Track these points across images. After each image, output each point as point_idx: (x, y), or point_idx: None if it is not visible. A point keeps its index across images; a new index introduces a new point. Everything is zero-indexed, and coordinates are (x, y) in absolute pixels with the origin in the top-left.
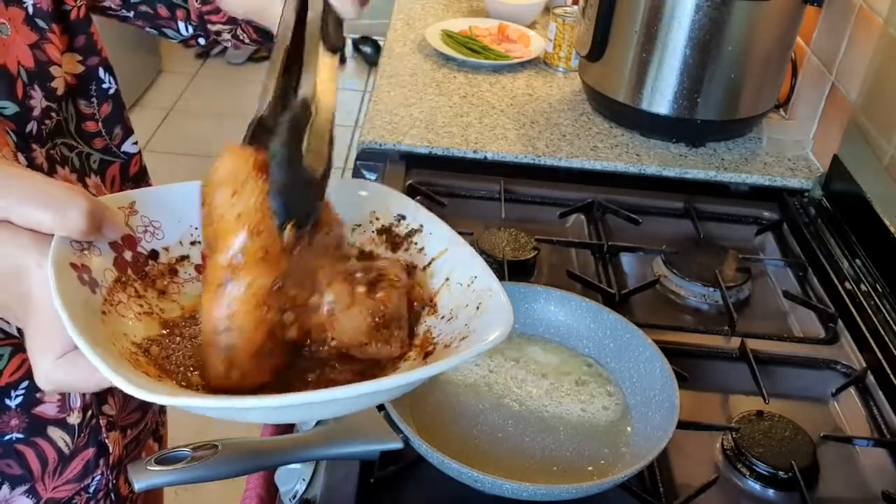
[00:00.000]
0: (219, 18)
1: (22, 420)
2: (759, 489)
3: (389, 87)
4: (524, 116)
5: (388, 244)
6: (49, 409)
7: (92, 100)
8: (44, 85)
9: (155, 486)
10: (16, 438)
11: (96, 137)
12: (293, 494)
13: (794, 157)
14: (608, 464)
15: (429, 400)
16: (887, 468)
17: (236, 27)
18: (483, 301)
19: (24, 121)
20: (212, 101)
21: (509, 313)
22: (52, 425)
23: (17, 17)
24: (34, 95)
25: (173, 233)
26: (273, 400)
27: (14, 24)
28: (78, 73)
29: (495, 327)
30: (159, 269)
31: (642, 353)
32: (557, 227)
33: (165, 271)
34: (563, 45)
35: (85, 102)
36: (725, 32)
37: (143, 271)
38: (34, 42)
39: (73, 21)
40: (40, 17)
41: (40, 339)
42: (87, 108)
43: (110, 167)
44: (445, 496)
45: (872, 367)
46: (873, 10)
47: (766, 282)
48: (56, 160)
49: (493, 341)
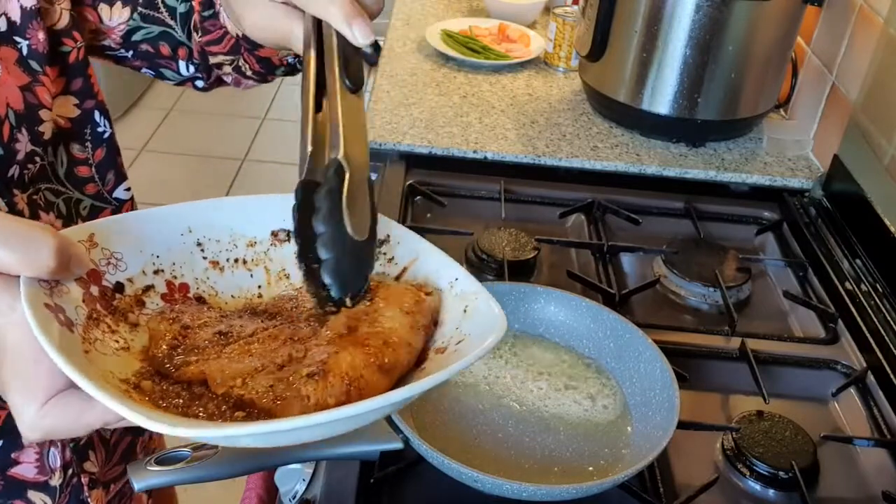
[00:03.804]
0: (220, 49)
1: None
2: (760, 489)
3: (389, 87)
4: (524, 116)
5: None
6: (27, 470)
7: (86, 144)
8: (31, 128)
9: (155, 486)
10: None
11: (88, 183)
12: (293, 494)
13: (794, 157)
14: (608, 464)
15: (429, 400)
16: (887, 468)
17: (238, 58)
18: (469, 304)
19: (7, 165)
20: (212, 102)
21: (501, 314)
22: (31, 489)
23: (9, 58)
24: (20, 139)
25: (135, 263)
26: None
27: (6, 64)
28: (73, 116)
29: (489, 330)
30: (126, 301)
31: (642, 353)
32: (557, 227)
33: (133, 303)
34: (563, 45)
35: (79, 146)
36: (725, 32)
37: (111, 306)
38: (25, 84)
39: (71, 63)
40: (35, 59)
41: (21, 386)
42: (80, 153)
43: (101, 213)
44: (445, 496)
45: (872, 367)
46: (873, 10)
47: (767, 282)
48: (39, 205)
49: (491, 344)
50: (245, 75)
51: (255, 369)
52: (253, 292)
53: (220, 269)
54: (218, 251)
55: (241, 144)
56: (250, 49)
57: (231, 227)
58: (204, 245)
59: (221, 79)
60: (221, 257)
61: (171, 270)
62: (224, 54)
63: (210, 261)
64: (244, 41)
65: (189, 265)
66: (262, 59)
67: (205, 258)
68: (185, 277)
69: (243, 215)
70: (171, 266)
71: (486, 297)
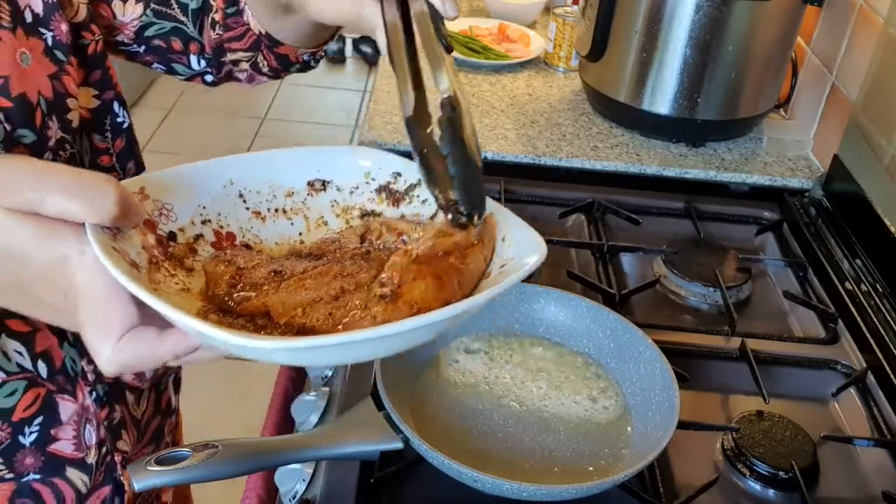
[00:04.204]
0: (240, 45)
1: (37, 459)
2: (760, 489)
3: (389, 87)
4: (524, 116)
5: (390, 201)
6: (65, 446)
7: (106, 134)
8: (60, 116)
9: (155, 487)
10: (33, 479)
11: (111, 172)
12: (293, 494)
13: (794, 157)
14: (608, 464)
15: (429, 400)
16: (887, 468)
17: (257, 54)
18: (506, 234)
19: (40, 151)
20: (212, 101)
21: (539, 238)
22: (70, 465)
23: (37, 48)
24: (51, 126)
25: (184, 213)
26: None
27: (35, 54)
28: (93, 107)
29: (531, 252)
30: (180, 248)
31: (642, 353)
32: (557, 227)
33: (186, 251)
34: (563, 45)
35: (99, 137)
36: (725, 32)
37: (167, 252)
38: (53, 73)
39: (90, 55)
40: (59, 49)
41: (97, 325)
42: (101, 143)
43: None
44: (445, 496)
45: (872, 367)
46: (873, 10)
47: (767, 282)
48: None
49: (536, 262)
50: (261, 71)
51: (313, 300)
52: (294, 239)
53: (262, 219)
54: (259, 201)
55: (241, 144)
56: (270, 46)
57: (269, 179)
58: (245, 196)
59: (232, 74)
60: (262, 207)
61: (218, 220)
62: (244, 51)
63: (252, 211)
64: (265, 38)
65: (233, 215)
66: (280, 55)
67: (247, 208)
68: (230, 227)
69: (279, 166)
70: (217, 216)
71: (522, 226)
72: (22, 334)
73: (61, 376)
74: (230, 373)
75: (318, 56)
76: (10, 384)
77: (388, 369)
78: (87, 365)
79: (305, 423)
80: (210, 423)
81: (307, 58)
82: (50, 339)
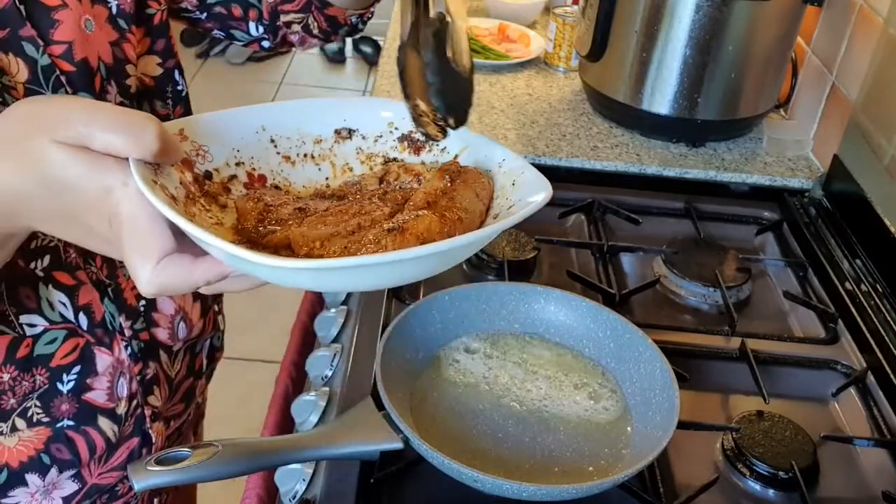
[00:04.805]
0: (292, 7)
1: (72, 405)
2: (760, 489)
3: (389, 87)
4: (524, 116)
5: (411, 149)
6: (98, 395)
7: (167, 101)
8: (119, 82)
9: (155, 486)
10: (67, 425)
11: None
12: (293, 494)
13: (794, 157)
14: (608, 464)
15: (429, 400)
16: (887, 468)
17: (308, 16)
18: (516, 178)
19: None
20: (212, 101)
21: (545, 181)
22: (101, 415)
23: (101, 16)
24: (110, 90)
25: (219, 155)
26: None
27: (98, 21)
28: (156, 74)
29: (537, 192)
30: (215, 187)
31: (642, 353)
32: (557, 227)
33: (220, 189)
34: (563, 45)
35: (161, 104)
36: (725, 32)
37: (203, 189)
38: (114, 40)
39: (155, 25)
40: (122, 18)
41: (138, 250)
42: (162, 110)
43: None
44: (445, 496)
45: (872, 367)
46: (873, 10)
47: (767, 282)
48: None
49: (543, 199)
50: (311, 34)
51: (331, 234)
52: (321, 183)
53: (292, 163)
54: (289, 147)
55: None
56: (320, 7)
57: (299, 127)
58: (276, 141)
59: (286, 39)
60: (292, 152)
61: (250, 163)
62: (295, 12)
63: (282, 155)
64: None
65: (265, 159)
66: (329, 17)
67: (278, 153)
68: (262, 170)
69: (308, 115)
70: (250, 159)
71: (531, 170)
72: (67, 287)
73: (100, 329)
74: (231, 373)
75: (365, 18)
76: (51, 332)
77: (388, 369)
78: (125, 321)
79: (305, 423)
80: (210, 423)
81: (355, 20)
82: (92, 293)
